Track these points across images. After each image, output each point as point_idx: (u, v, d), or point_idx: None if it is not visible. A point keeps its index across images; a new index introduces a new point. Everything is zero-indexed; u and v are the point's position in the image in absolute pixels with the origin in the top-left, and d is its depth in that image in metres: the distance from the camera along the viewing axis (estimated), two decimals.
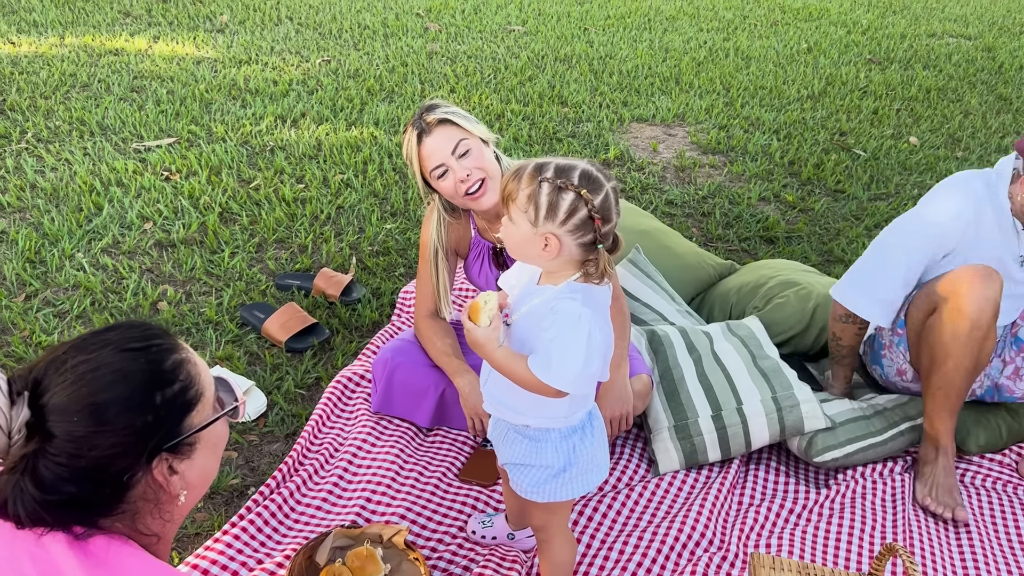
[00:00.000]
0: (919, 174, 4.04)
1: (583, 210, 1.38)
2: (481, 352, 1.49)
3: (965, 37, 6.54)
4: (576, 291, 1.45)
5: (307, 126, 4.21)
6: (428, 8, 6.71)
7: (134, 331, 1.09)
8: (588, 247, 1.42)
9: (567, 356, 1.41)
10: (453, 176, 2.00)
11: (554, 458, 1.58)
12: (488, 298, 1.49)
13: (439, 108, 2.03)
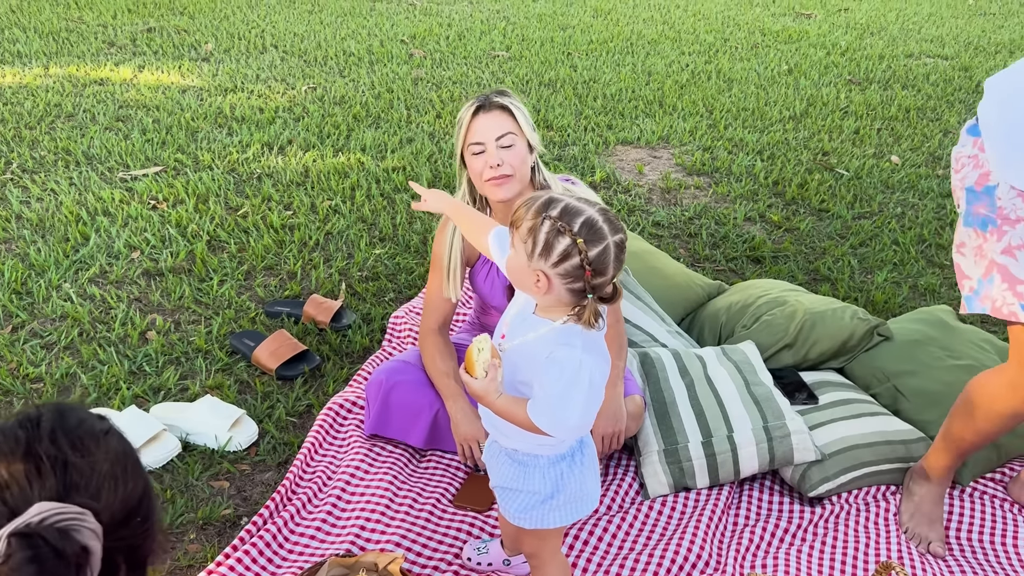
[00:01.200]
0: (901, 192, 4.09)
1: (575, 258, 1.37)
2: (482, 402, 1.49)
3: (942, 57, 6.65)
4: (575, 335, 1.44)
5: (294, 153, 4.22)
6: (412, 35, 6.76)
7: (79, 416, 0.95)
8: (577, 293, 1.42)
9: (568, 407, 1.41)
10: (485, 159, 2.02)
11: (541, 484, 1.58)
12: (482, 346, 1.47)
13: (507, 96, 2.05)
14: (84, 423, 0.95)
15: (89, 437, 0.94)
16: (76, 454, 0.93)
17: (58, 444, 0.93)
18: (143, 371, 2.55)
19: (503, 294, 2.24)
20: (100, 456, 0.94)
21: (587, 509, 1.61)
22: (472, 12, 7.76)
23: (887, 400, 2.48)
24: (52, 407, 0.97)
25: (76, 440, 0.94)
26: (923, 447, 2.26)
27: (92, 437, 0.94)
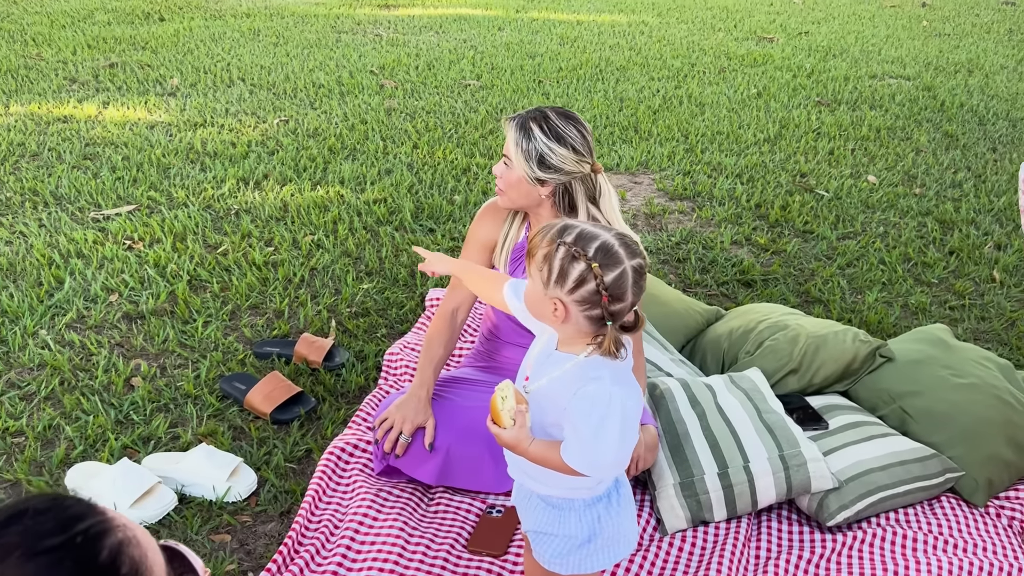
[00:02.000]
0: (882, 211, 4.12)
1: (591, 283, 1.33)
2: (515, 451, 1.44)
3: (904, 78, 6.78)
4: (601, 367, 1.39)
5: (271, 187, 4.13)
6: (382, 65, 6.72)
7: (45, 519, 0.81)
8: (596, 321, 1.37)
9: (602, 445, 1.36)
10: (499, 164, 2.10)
11: (578, 528, 1.52)
12: (505, 394, 1.42)
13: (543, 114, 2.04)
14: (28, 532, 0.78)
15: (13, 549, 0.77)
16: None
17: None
18: (130, 420, 2.43)
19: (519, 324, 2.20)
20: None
21: (626, 551, 1.55)
22: (439, 42, 7.75)
23: (895, 422, 2.45)
24: (54, 505, 0.82)
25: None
26: (937, 464, 2.24)
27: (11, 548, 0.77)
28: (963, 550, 2.09)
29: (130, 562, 0.81)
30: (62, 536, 0.79)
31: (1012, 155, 4.95)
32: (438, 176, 4.37)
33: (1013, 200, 4.25)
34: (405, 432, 2.09)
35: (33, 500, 0.82)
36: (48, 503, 0.80)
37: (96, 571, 0.79)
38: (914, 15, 9.86)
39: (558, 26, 8.67)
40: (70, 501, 0.82)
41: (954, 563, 2.03)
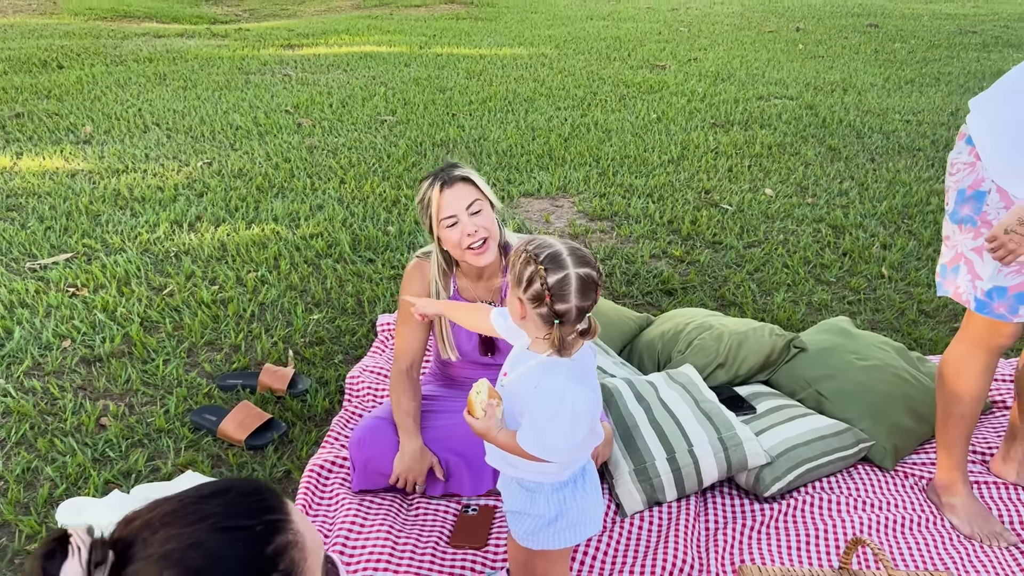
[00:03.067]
0: (780, 220, 4.52)
1: (537, 283, 1.54)
2: (486, 439, 1.65)
3: (788, 98, 7.34)
4: (560, 366, 1.61)
5: (206, 228, 4.22)
6: (295, 105, 6.85)
7: (243, 502, 0.95)
8: (546, 319, 1.58)
9: (552, 432, 1.57)
10: (461, 229, 2.20)
11: (546, 508, 1.73)
12: (479, 389, 1.63)
13: (460, 168, 2.23)
14: (220, 507, 0.92)
15: (195, 518, 0.91)
16: (163, 521, 0.92)
17: (171, 503, 0.94)
18: (107, 457, 2.52)
19: (475, 343, 2.41)
20: (172, 534, 0.91)
21: (590, 531, 1.76)
22: (349, 80, 7.93)
23: (812, 403, 2.77)
24: (247, 486, 0.95)
25: (184, 512, 0.92)
26: (851, 436, 2.56)
27: (197, 519, 0.92)
28: (878, 508, 2.41)
29: (289, 561, 0.92)
30: (250, 520, 0.92)
31: (888, 164, 5.48)
32: (369, 209, 4.54)
33: (893, 204, 4.73)
34: (419, 483, 2.29)
35: (240, 482, 0.98)
36: (252, 488, 0.95)
37: (259, 560, 0.91)
38: (790, 39, 10.61)
39: (463, 60, 8.97)
40: (269, 493, 0.95)
41: (873, 519, 2.34)
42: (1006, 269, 2.11)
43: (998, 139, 2.09)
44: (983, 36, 10.75)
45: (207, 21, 12.47)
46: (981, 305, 2.17)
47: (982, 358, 2.26)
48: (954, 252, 2.20)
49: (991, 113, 2.12)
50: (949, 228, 2.23)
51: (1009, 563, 2.21)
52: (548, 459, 1.60)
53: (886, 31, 11.24)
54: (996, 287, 2.14)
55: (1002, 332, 2.21)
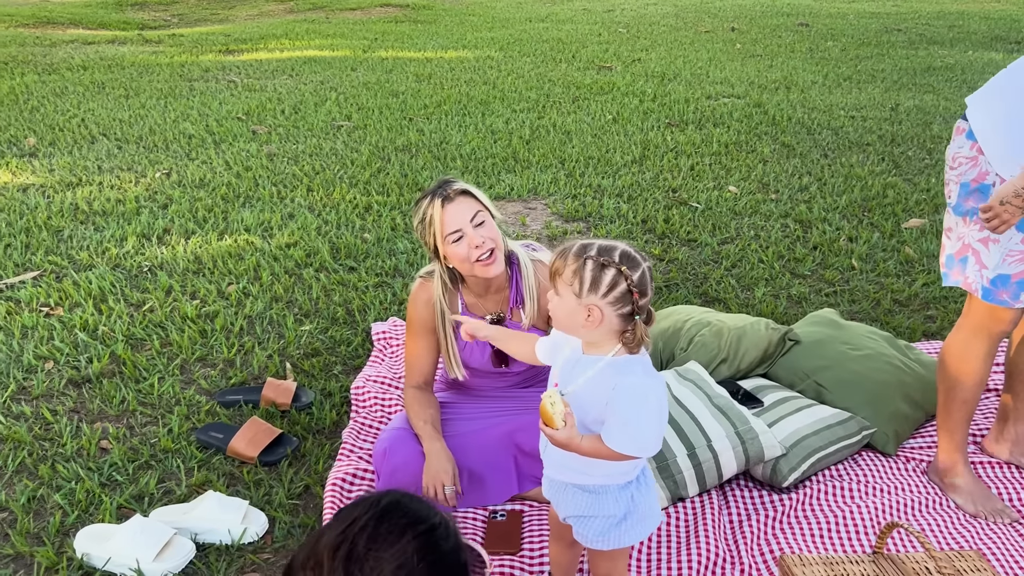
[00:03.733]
0: (748, 217, 4.63)
1: (623, 284, 1.57)
2: (568, 449, 1.63)
3: (735, 97, 7.52)
4: (634, 364, 1.64)
5: (176, 241, 4.11)
6: (247, 112, 6.71)
7: (412, 504, 1.04)
8: (626, 318, 1.61)
9: (645, 427, 1.60)
10: (467, 242, 2.19)
11: (615, 508, 1.75)
12: (554, 399, 1.61)
13: (456, 182, 2.22)
14: (405, 516, 1.01)
15: (396, 532, 1.00)
16: (369, 545, 0.99)
17: (364, 531, 1.00)
18: (116, 481, 2.43)
19: (487, 356, 2.41)
20: (389, 554, 0.98)
21: (655, 525, 1.79)
22: (297, 85, 7.80)
23: (811, 394, 2.85)
24: (398, 496, 1.02)
25: (382, 532, 0.99)
26: (855, 424, 2.64)
27: (399, 532, 1.00)
28: (887, 492, 2.49)
29: (467, 550, 1.03)
30: (433, 519, 1.02)
31: (841, 159, 5.66)
32: (342, 216, 4.49)
33: (852, 198, 4.90)
34: (448, 484, 2.22)
35: (392, 496, 1.07)
36: (402, 495, 1.03)
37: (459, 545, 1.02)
38: (727, 39, 10.87)
39: (410, 64, 8.92)
40: (421, 502, 1.06)
41: (885, 503, 2.43)
42: (1010, 259, 2.21)
43: (1000, 135, 2.19)
44: (908, 34, 11.19)
45: (136, 27, 12.11)
46: (987, 293, 2.27)
47: (983, 344, 2.36)
48: (961, 243, 2.29)
49: (992, 108, 2.23)
50: (952, 220, 2.33)
51: (1015, 539, 2.32)
52: (640, 455, 1.61)
53: (817, 30, 11.61)
54: (1000, 275, 2.24)
55: (1002, 318, 2.31)
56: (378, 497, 1.03)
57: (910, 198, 4.92)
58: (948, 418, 2.48)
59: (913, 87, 7.97)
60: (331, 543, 0.99)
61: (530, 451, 2.37)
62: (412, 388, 2.45)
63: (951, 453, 2.51)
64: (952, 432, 2.49)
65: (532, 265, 2.40)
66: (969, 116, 2.27)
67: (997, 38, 10.86)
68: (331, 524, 1.02)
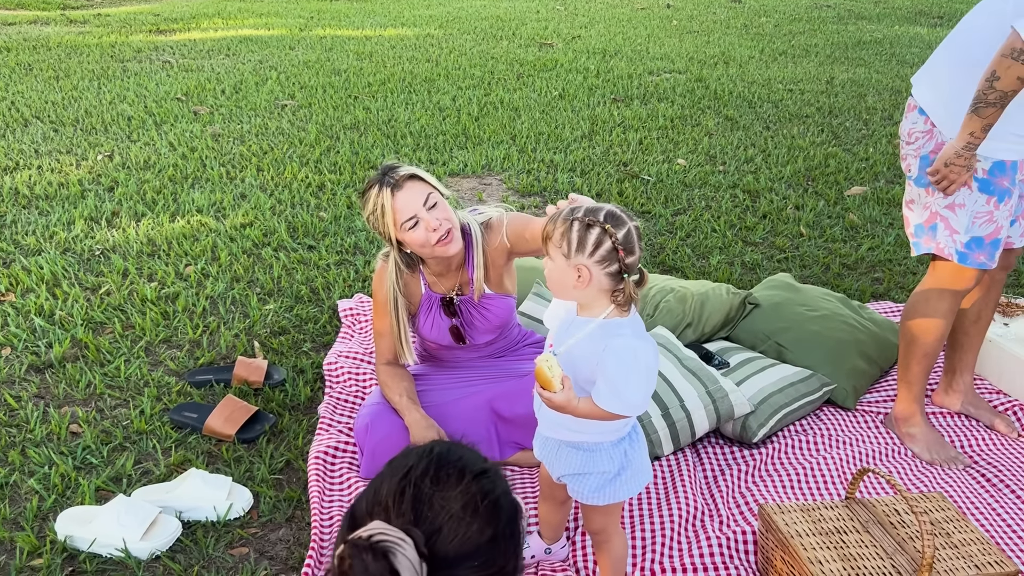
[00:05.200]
0: (699, 188, 4.74)
1: (607, 242, 1.61)
2: (565, 411, 1.67)
3: (677, 72, 7.64)
4: (623, 326, 1.68)
5: (127, 224, 4.01)
6: (185, 92, 6.55)
7: (466, 452, 1.08)
8: (615, 277, 1.65)
9: (632, 387, 1.64)
10: (424, 227, 2.18)
11: (609, 464, 1.80)
12: (550, 363, 1.62)
13: (402, 167, 2.21)
14: (460, 461, 1.04)
15: (455, 475, 1.03)
16: (434, 487, 1.02)
17: (425, 475, 1.02)
18: (91, 464, 2.39)
19: (446, 334, 2.43)
20: (453, 495, 1.02)
21: (647, 479, 1.85)
22: (235, 64, 7.64)
23: (773, 354, 2.96)
24: (447, 444, 1.06)
25: (443, 475, 1.03)
26: (816, 381, 2.75)
27: (457, 475, 1.03)
28: (849, 444, 2.61)
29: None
30: (484, 463, 1.06)
31: (783, 131, 5.82)
32: (295, 195, 4.44)
33: (796, 168, 5.05)
34: None
35: (429, 445, 1.10)
36: (456, 444, 1.09)
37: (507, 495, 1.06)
38: (663, 16, 11.00)
39: (349, 42, 8.81)
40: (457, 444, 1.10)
41: (848, 454, 2.54)
42: (979, 220, 2.33)
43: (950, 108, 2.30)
44: (837, 9, 11.49)
45: (57, 7, 11.65)
46: (963, 257, 2.38)
47: (947, 301, 2.48)
48: (928, 212, 2.40)
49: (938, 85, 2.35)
50: (914, 192, 2.44)
51: (970, 483, 2.46)
52: (629, 414, 1.66)
53: (750, 6, 11.83)
54: (973, 238, 2.36)
55: (966, 276, 2.43)
56: (429, 447, 1.06)
57: (851, 167, 5.10)
58: (908, 371, 2.60)
59: (845, 61, 8.20)
60: (394, 489, 1.01)
61: (509, 417, 2.42)
62: (383, 365, 2.46)
63: (909, 404, 2.64)
64: (911, 384, 2.62)
65: (480, 231, 2.40)
66: (915, 94, 2.39)
67: (920, 12, 11.24)
68: (385, 473, 1.05)
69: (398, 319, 2.39)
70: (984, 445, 2.65)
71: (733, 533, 2.16)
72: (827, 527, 1.97)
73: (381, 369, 2.45)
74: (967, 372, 2.79)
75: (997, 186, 2.32)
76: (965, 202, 2.34)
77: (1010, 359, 2.89)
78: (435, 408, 2.42)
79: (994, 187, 2.32)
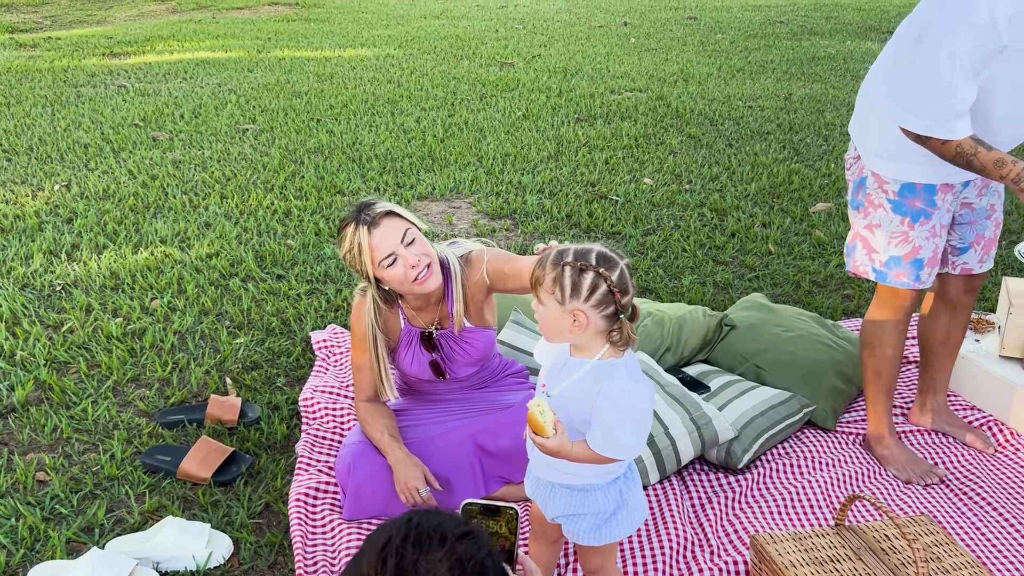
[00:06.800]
0: (666, 208, 4.76)
1: (603, 286, 1.59)
2: (559, 456, 1.63)
3: (638, 90, 7.69)
4: (619, 367, 1.65)
5: (88, 257, 3.90)
6: (142, 117, 6.43)
7: (445, 518, 1.05)
8: (611, 318, 1.63)
9: (627, 431, 1.62)
10: (403, 263, 2.14)
11: (605, 504, 1.77)
12: (542, 408, 1.60)
13: (378, 203, 2.17)
14: (440, 526, 1.01)
15: (437, 539, 1.00)
16: (416, 552, 0.99)
17: (406, 542, 0.99)
18: (59, 514, 2.30)
19: (427, 368, 2.39)
20: (438, 558, 0.99)
21: (643, 516, 1.83)
22: (193, 88, 7.52)
23: (751, 376, 2.96)
24: (424, 512, 1.03)
25: (425, 540, 0.99)
26: (796, 403, 2.76)
27: (439, 540, 1.00)
28: (832, 465, 2.62)
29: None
30: (465, 526, 1.02)
31: (745, 148, 5.88)
32: (261, 223, 4.36)
33: (761, 186, 5.10)
34: (421, 488, 2.20)
35: (413, 512, 1.07)
36: (426, 511, 1.06)
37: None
38: (621, 34, 11.09)
39: (308, 64, 8.73)
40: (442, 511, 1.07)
41: (833, 476, 2.55)
42: (894, 240, 2.40)
43: (867, 139, 2.39)
44: (790, 25, 11.70)
45: (5, 30, 11.38)
46: (881, 275, 2.46)
47: (891, 321, 2.54)
48: (852, 232, 2.52)
49: (859, 115, 2.44)
50: (851, 215, 2.53)
51: (953, 502, 2.48)
52: (624, 458, 1.64)
53: (705, 23, 11.99)
54: (892, 257, 2.42)
55: (903, 295, 2.49)
56: (406, 516, 1.04)
57: (814, 183, 5.16)
58: (869, 391, 2.65)
59: (802, 76, 8.34)
60: (375, 560, 0.98)
61: (494, 451, 2.38)
62: (363, 402, 2.41)
63: (877, 424, 2.67)
64: (875, 404, 2.65)
65: (459, 265, 2.36)
66: (851, 121, 2.48)
67: (871, 28, 11.49)
68: (364, 549, 1.02)
69: (378, 357, 2.34)
70: (962, 462, 2.67)
71: (725, 564, 2.14)
72: (820, 556, 1.96)
73: (361, 406, 2.40)
74: (940, 391, 2.83)
75: (909, 207, 2.38)
76: (881, 222, 2.43)
77: (982, 375, 2.93)
78: (418, 444, 2.37)
79: (906, 208, 2.38)
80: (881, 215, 2.42)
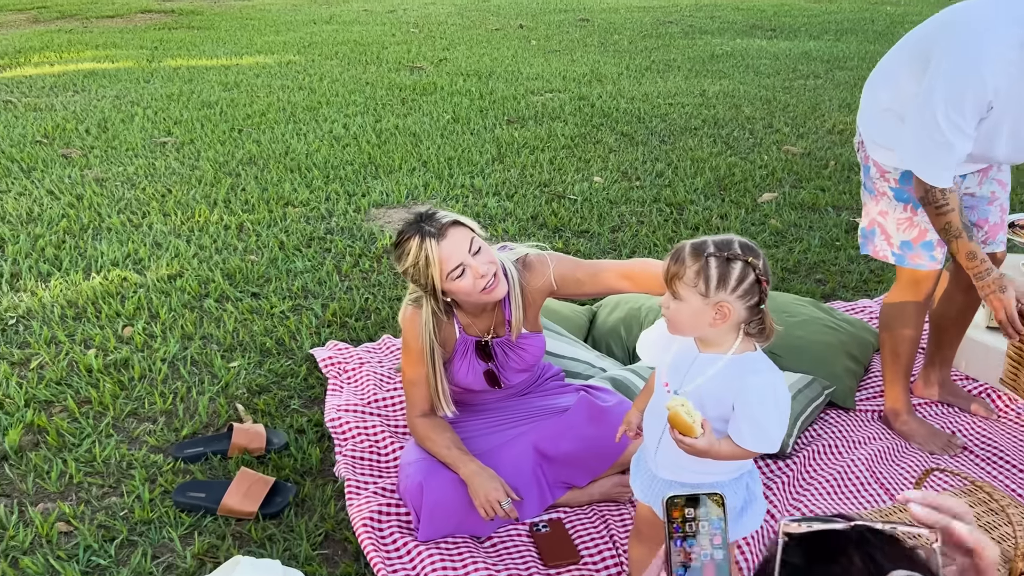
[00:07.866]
0: (624, 204, 4.81)
1: (751, 275, 1.56)
2: (707, 456, 1.59)
3: (557, 91, 7.75)
4: (758, 361, 1.64)
5: (34, 286, 3.57)
6: (43, 134, 5.95)
7: None
8: (753, 309, 1.60)
9: (776, 424, 1.60)
10: (472, 273, 2.06)
11: (734, 500, 1.74)
12: (689, 408, 1.55)
13: (440, 213, 2.08)
14: None
15: None
16: None
17: None
18: (100, 567, 2.08)
19: (481, 378, 2.32)
20: None
21: (765, 508, 1.82)
22: (90, 101, 7.03)
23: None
24: None
25: None
26: (818, 386, 2.83)
27: None
28: (862, 443, 2.71)
29: None
30: None
31: (679, 144, 6.02)
32: (215, 240, 4.12)
33: (707, 179, 5.23)
34: (501, 499, 2.11)
35: None
36: None
37: None
38: (520, 36, 11.16)
39: (207, 72, 8.33)
40: None
41: (866, 454, 2.63)
42: (902, 226, 2.53)
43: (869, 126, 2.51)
44: (680, 25, 12.10)
45: None
46: (899, 259, 2.58)
47: (912, 302, 2.64)
48: (869, 218, 2.62)
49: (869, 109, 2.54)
50: (864, 197, 2.64)
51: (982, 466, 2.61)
52: (772, 450, 1.62)
53: (598, 24, 12.22)
54: (903, 242, 2.54)
55: (924, 277, 2.60)
56: None
57: (754, 174, 5.34)
58: (889, 370, 2.74)
59: (708, 74, 8.62)
60: None
61: (555, 456, 2.33)
62: (418, 417, 2.30)
63: (895, 401, 2.78)
64: (893, 383, 2.76)
65: (516, 270, 2.31)
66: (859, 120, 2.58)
67: (755, 26, 12.03)
68: None
69: (435, 370, 2.24)
70: (974, 429, 2.82)
71: None
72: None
73: (418, 422, 2.29)
74: (946, 366, 2.97)
75: (910, 195, 2.49)
76: (887, 209, 2.55)
77: (975, 345, 3.09)
78: (482, 457, 2.28)
79: (907, 195, 2.50)
80: (886, 203, 2.52)
